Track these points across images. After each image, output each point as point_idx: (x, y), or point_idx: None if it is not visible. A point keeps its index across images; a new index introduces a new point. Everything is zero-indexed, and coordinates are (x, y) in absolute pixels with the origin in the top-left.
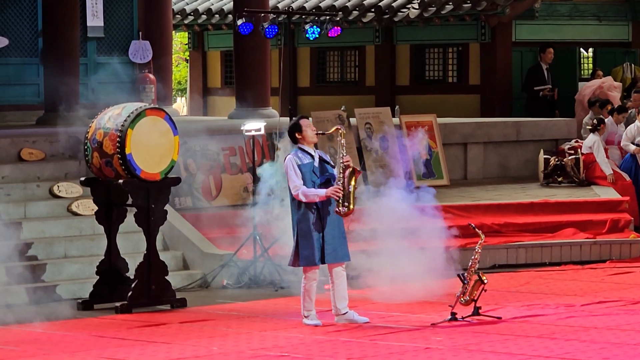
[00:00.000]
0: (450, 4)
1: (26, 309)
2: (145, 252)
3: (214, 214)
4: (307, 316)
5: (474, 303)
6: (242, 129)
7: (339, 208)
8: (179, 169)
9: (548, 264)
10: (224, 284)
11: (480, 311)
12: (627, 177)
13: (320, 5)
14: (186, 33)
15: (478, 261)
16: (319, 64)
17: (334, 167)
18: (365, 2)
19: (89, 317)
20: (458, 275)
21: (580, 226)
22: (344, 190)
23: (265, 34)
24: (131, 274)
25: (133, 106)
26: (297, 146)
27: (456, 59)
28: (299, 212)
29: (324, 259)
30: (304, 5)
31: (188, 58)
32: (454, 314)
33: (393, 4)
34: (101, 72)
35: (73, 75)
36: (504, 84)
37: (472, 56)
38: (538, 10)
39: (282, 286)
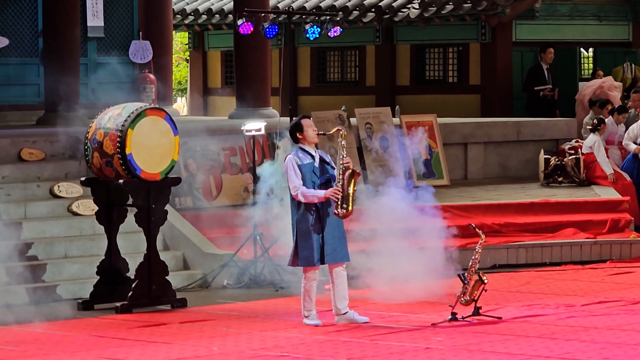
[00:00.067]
0: (451, 3)
1: (26, 309)
2: (145, 252)
3: (214, 214)
4: (307, 316)
5: (474, 303)
6: (242, 129)
7: (337, 210)
8: (179, 169)
9: (548, 264)
10: (224, 284)
11: (480, 311)
12: (627, 177)
13: (320, 5)
14: (186, 33)
15: (478, 261)
16: (320, 64)
17: (334, 169)
18: (366, 2)
19: (89, 317)
20: (458, 275)
21: (580, 226)
22: (342, 192)
23: (266, 34)
24: (131, 274)
25: (133, 106)
26: (298, 146)
27: (456, 59)
28: (299, 212)
29: (323, 259)
30: (304, 5)
31: (188, 58)
32: (454, 314)
33: (393, 4)
34: (101, 72)
35: (73, 75)
36: (504, 84)
37: (472, 56)
38: (538, 10)
39: (282, 286)
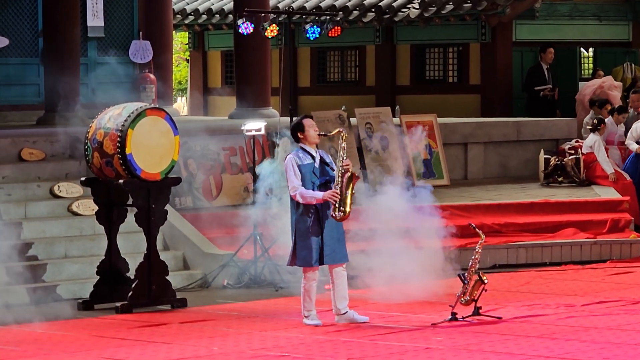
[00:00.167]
0: (451, 3)
1: (26, 309)
2: (145, 252)
3: (215, 214)
4: (307, 316)
5: (474, 303)
6: (242, 128)
7: (334, 213)
8: (180, 168)
9: (548, 264)
10: (225, 284)
11: (480, 311)
12: (627, 177)
13: (320, 5)
14: (186, 33)
15: (478, 261)
16: (320, 63)
17: (334, 170)
18: (366, 2)
19: (89, 317)
20: (458, 275)
21: (580, 226)
22: (341, 195)
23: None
24: (131, 274)
25: (133, 106)
26: (299, 145)
27: (456, 58)
28: (298, 213)
29: (322, 260)
30: (305, 5)
31: (188, 58)
32: (454, 314)
33: (393, 4)
34: (101, 72)
35: (73, 75)
36: (504, 83)
37: (472, 56)
38: (538, 10)
39: (282, 286)
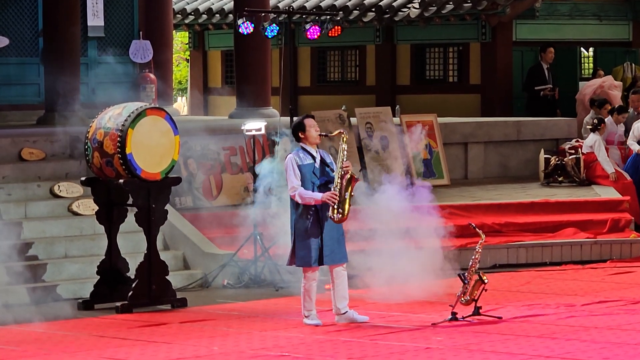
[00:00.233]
0: (451, 3)
1: (26, 308)
2: (145, 251)
3: (215, 214)
4: (307, 316)
5: (474, 303)
6: (242, 128)
7: (333, 215)
8: (180, 168)
9: (548, 264)
10: (225, 283)
11: (480, 311)
12: (627, 177)
13: (320, 4)
14: (187, 32)
15: (478, 261)
16: (320, 63)
17: (333, 172)
18: (366, 2)
19: (89, 317)
20: (459, 275)
21: (580, 226)
22: (339, 197)
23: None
24: (132, 273)
25: (134, 106)
26: (300, 145)
27: (457, 58)
28: (297, 212)
29: (321, 260)
30: (305, 4)
31: (189, 57)
32: (454, 313)
33: (393, 4)
34: (101, 71)
35: (73, 75)
36: (504, 83)
37: (472, 56)
38: (538, 10)
39: (282, 286)
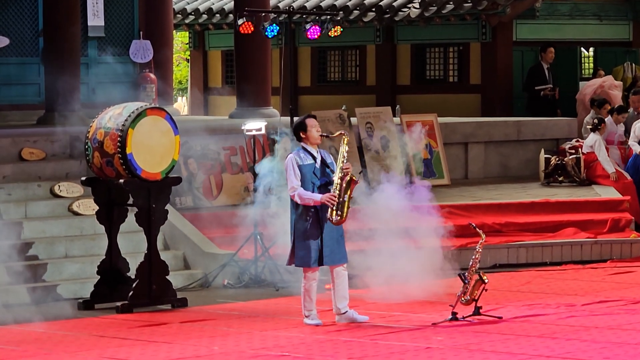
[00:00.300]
0: (451, 3)
1: (27, 308)
2: (146, 251)
3: (215, 214)
4: (307, 316)
5: (474, 303)
6: (242, 128)
7: (331, 216)
8: (180, 168)
9: (549, 264)
10: (225, 283)
11: (481, 311)
12: (628, 177)
13: (320, 4)
14: (187, 32)
15: (479, 261)
16: (320, 63)
17: (333, 173)
18: (366, 2)
19: (89, 316)
20: (459, 275)
21: (581, 226)
22: (338, 198)
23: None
24: (132, 273)
25: (134, 106)
26: (301, 145)
27: (457, 58)
28: (297, 213)
29: (321, 260)
30: (305, 4)
31: (189, 57)
32: (454, 313)
33: (394, 4)
34: (102, 71)
35: (73, 74)
36: (504, 83)
37: (472, 56)
38: (539, 10)
39: (282, 286)
